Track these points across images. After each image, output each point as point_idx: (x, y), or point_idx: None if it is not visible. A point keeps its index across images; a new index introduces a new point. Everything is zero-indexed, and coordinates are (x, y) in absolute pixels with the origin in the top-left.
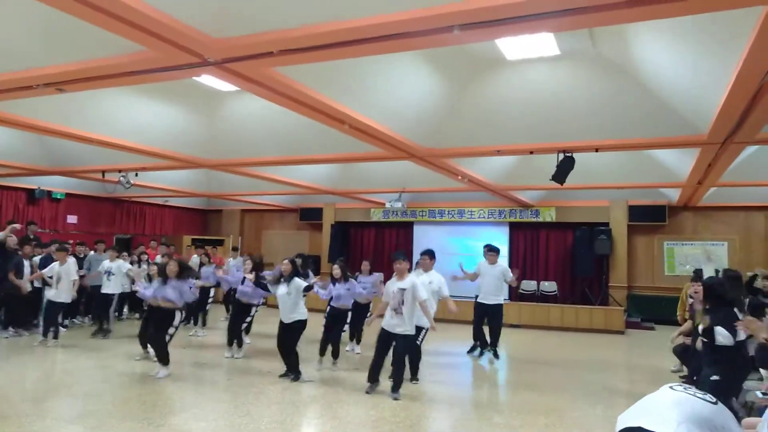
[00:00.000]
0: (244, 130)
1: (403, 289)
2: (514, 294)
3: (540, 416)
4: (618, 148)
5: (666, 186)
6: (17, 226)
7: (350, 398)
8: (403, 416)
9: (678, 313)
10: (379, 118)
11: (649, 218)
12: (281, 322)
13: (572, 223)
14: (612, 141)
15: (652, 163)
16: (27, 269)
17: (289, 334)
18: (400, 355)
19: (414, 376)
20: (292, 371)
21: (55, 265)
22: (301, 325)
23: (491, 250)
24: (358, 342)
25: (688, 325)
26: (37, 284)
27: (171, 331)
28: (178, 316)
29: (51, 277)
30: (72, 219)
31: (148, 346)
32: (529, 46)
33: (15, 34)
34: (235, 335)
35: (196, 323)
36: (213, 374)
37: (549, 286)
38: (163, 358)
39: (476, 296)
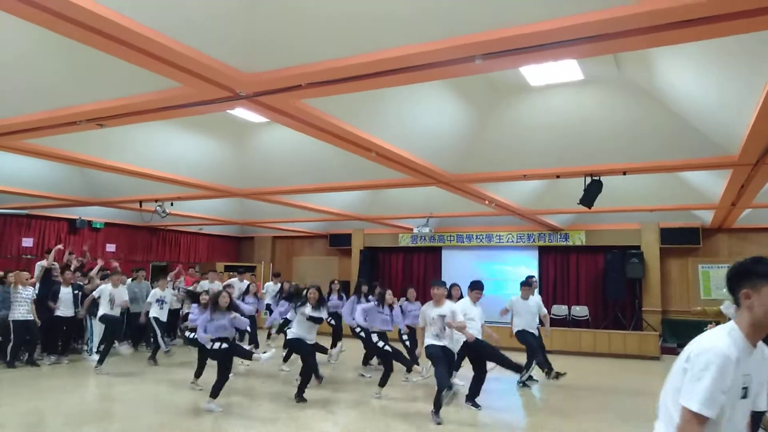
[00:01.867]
0: (274, 160)
1: (443, 316)
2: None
3: None
4: (646, 170)
5: (698, 208)
6: (60, 247)
7: (382, 423)
8: None
9: None
10: (405, 145)
11: (683, 241)
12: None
13: (603, 247)
14: (639, 164)
15: (683, 185)
16: (68, 296)
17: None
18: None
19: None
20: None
21: (108, 287)
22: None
23: (523, 285)
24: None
25: None
26: (66, 312)
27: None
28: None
29: (99, 298)
30: (111, 247)
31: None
32: (552, 72)
33: (59, 73)
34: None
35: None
36: (245, 401)
37: (580, 310)
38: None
39: (518, 330)
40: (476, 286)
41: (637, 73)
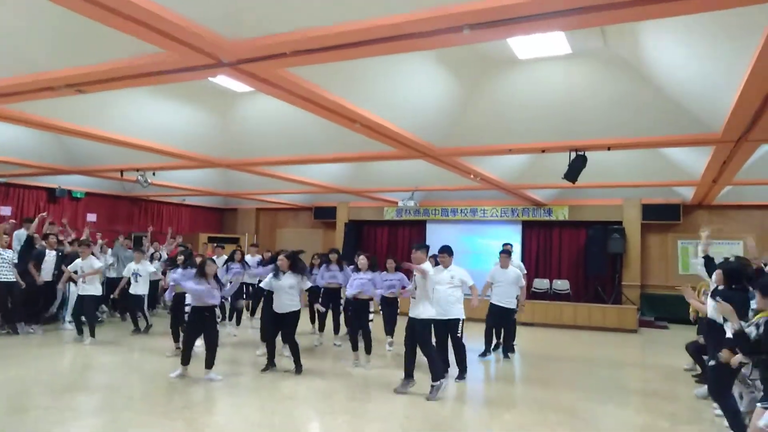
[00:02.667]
0: (258, 130)
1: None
2: (527, 292)
3: (551, 413)
4: (630, 146)
5: (680, 184)
6: (45, 215)
7: (362, 394)
8: (414, 412)
9: (691, 312)
10: (391, 117)
11: (663, 217)
12: (275, 314)
13: (585, 222)
14: (624, 139)
15: (665, 162)
16: (52, 258)
17: (283, 326)
18: (421, 343)
19: (461, 374)
20: (295, 363)
21: (77, 261)
22: (295, 316)
23: (503, 253)
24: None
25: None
26: (46, 278)
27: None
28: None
29: (76, 272)
30: (91, 217)
31: (180, 339)
32: (540, 45)
33: (36, 37)
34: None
35: (231, 319)
36: (230, 370)
37: (562, 284)
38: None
39: (491, 305)
40: (442, 251)
41: (623, 47)
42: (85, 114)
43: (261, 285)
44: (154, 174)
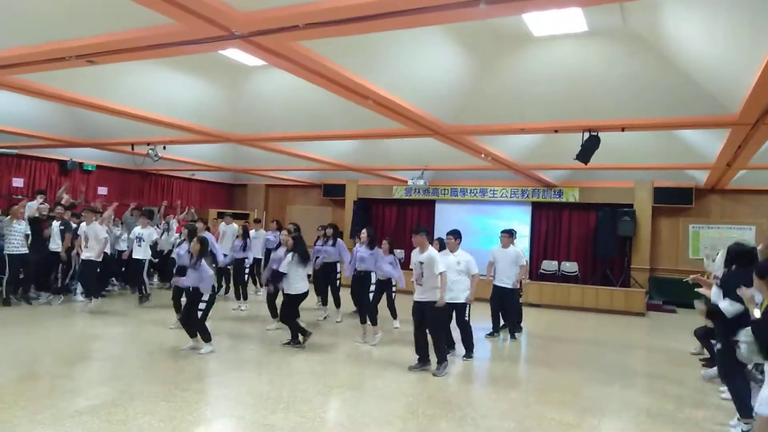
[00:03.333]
0: (269, 105)
1: (421, 263)
2: (535, 274)
3: (555, 393)
4: (645, 127)
5: (693, 168)
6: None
7: (369, 370)
8: (420, 389)
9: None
10: (403, 94)
11: (675, 200)
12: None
13: (595, 204)
14: (639, 120)
15: (679, 144)
16: (56, 229)
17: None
18: (432, 325)
19: (468, 353)
20: (293, 337)
21: (82, 225)
22: (297, 298)
23: (504, 233)
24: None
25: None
26: (54, 248)
27: (201, 306)
28: (206, 295)
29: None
30: (102, 190)
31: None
32: (556, 22)
33: (47, 5)
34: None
35: (238, 297)
36: (239, 344)
37: (570, 266)
38: (204, 335)
39: (494, 286)
40: (449, 234)
41: (643, 24)
42: (97, 86)
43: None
44: (164, 148)
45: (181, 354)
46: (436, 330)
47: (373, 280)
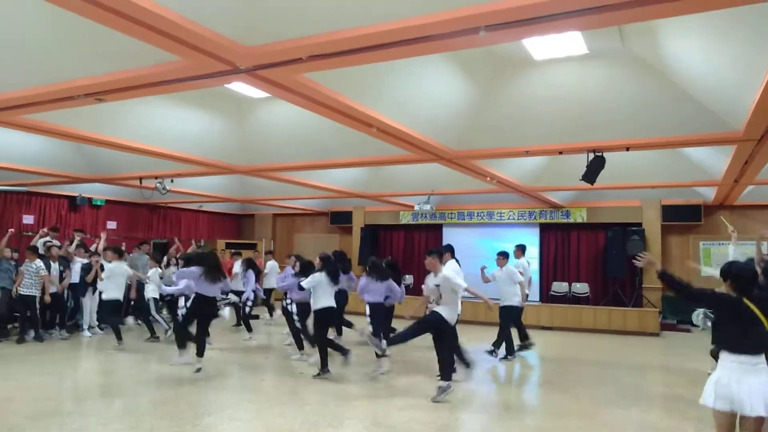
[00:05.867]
0: (274, 136)
1: (437, 285)
2: (546, 296)
3: (572, 419)
4: (649, 146)
5: (701, 185)
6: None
7: (381, 400)
8: (433, 417)
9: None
10: (407, 120)
11: (684, 218)
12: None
13: (604, 224)
14: (643, 140)
15: (685, 162)
16: (55, 272)
17: (314, 323)
18: (451, 345)
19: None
20: (323, 367)
21: (104, 264)
22: (322, 313)
23: (499, 254)
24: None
25: None
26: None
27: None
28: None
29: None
30: (112, 225)
31: (187, 345)
32: (556, 46)
33: (56, 46)
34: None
35: (250, 330)
36: (248, 375)
37: (581, 287)
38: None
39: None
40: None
41: (642, 46)
42: (105, 123)
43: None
44: (172, 181)
45: (192, 387)
46: (449, 351)
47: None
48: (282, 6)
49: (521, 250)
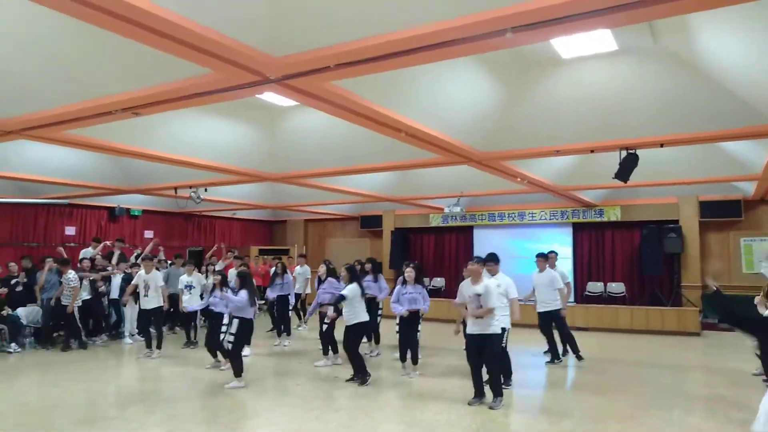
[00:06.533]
0: (304, 143)
1: (479, 295)
2: (580, 296)
3: (611, 421)
4: (684, 142)
5: (740, 179)
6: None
7: (416, 404)
8: (469, 421)
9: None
10: (435, 124)
11: (723, 214)
12: (345, 326)
13: (639, 222)
14: (678, 135)
15: (723, 156)
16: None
17: (350, 336)
18: (489, 358)
19: (506, 380)
20: (358, 374)
21: (141, 273)
22: (360, 327)
23: (538, 257)
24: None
25: None
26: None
27: (228, 336)
28: (235, 323)
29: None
30: (149, 234)
31: (218, 354)
32: (585, 44)
33: (94, 64)
34: (329, 342)
35: (279, 334)
36: (284, 380)
37: (616, 287)
38: (236, 369)
39: (538, 312)
40: (488, 259)
41: (674, 41)
42: (140, 135)
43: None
44: (206, 190)
45: (229, 392)
46: (494, 363)
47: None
48: (309, 16)
49: (555, 257)
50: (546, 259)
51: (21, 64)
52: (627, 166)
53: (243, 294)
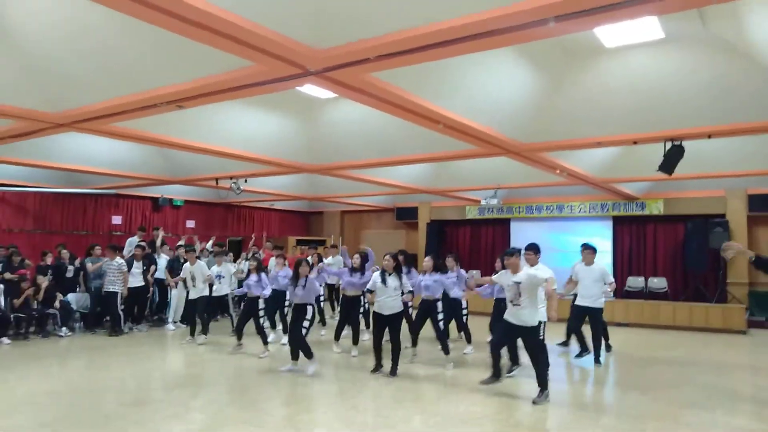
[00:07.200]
0: (341, 135)
1: (518, 283)
2: (620, 291)
3: (651, 420)
4: (734, 133)
5: None
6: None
7: (451, 395)
8: (507, 414)
9: None
10: (473, 115)
11: None
12: (379, 316)
13: (683, 216)
14: (726, 126)
15: None
16: (138, 269)
17: (390, 327)
18: (533, 350)
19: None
20: (393, 365)
21: (186, 266)
22: (400, 317)
23: (587, 248)
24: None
25: None
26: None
27: (305, 324)
28: (310, 310)
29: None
30: (190, 224)
31: (243, 338)
32: (630, 32)
33: (140, 58)
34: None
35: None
36: (322, 369)
37: (658, 282)
38: (307, 353)
39: (574, 296)
40: (528, 248)
41: (724, 27)
42: (183, 127)
43: (368, 287)
44: (246, 181)
45: (269, 379)
46: (539, 354)
47: (440, 308)
48: (349, 8)
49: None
50: (594, 252)
51: (71, 61)
52: (672, 158)
53: (313, 282)
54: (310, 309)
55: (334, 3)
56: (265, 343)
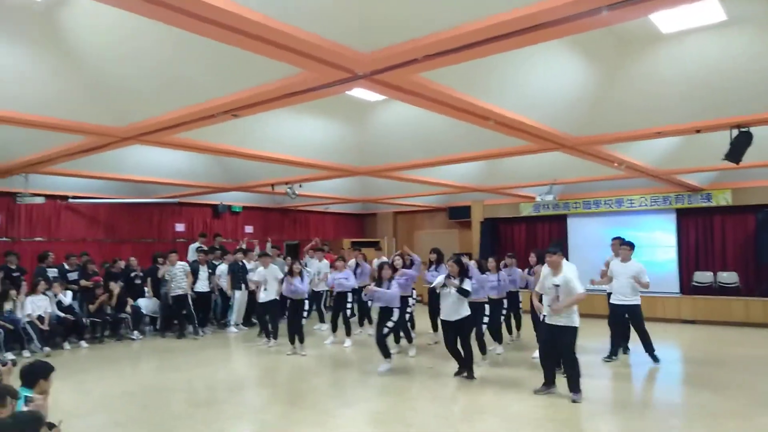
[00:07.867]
0: (392, 137)
1: (557, 286)
2: (687, 287)
3: (724, 420)
4: None
5: None
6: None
7: (512, 395)
8: (568, 414)
9: None
10: (524, 110)
11: None
12: (446, 323)
13: (753, 206)
14: None
15: None
16: (204, 273)
17: (459, 332)
18: (566, 349)
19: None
20: (467, 369)
21: (260, 269)
22: (469, 321)
23: (624, 245)
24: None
25: None
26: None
27: (389, 324)
28: (396, 313)
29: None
30: (249, 229)
31: (296, 341)
32: (688, 16)
33: (196, 71)
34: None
35: (361, 323)
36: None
37: (728, 276)
38: (385, 353)
39: (608, 294)
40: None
41: None
42: (239, 136)
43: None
44: (300, 186)
45: (329, 379)
46: (571, 355)
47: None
48: (395, 10)
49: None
50: (632, 248)
51: (134, 76)
52: (739, 146)
53: (395, 286)
54: (396, 312)
55: (379, 6)
56: (348, 334)
